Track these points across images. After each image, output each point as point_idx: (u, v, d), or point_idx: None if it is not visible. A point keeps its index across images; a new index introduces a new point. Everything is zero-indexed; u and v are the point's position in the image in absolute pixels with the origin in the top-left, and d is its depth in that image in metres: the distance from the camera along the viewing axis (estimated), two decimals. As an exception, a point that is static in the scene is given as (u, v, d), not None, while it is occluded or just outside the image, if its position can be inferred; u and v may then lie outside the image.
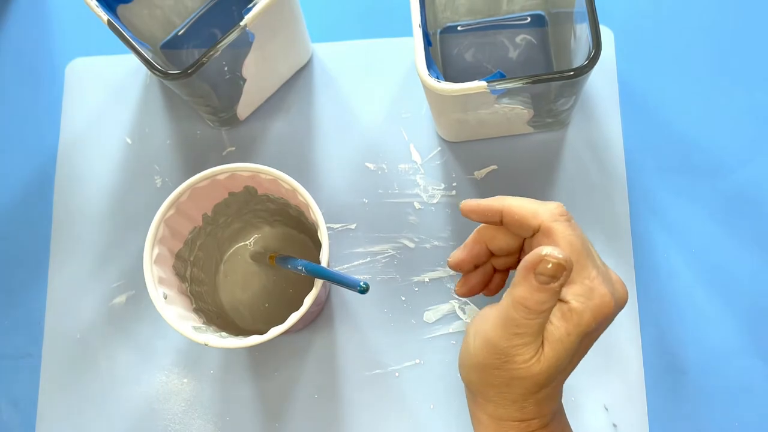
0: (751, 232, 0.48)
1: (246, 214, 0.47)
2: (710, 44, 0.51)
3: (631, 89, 0.50)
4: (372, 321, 0.48)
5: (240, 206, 0.45)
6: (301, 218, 0.45)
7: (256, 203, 0.45)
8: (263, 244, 0.49)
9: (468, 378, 0.35)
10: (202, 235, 0.45)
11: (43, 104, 0.53)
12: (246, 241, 0.49)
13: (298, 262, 0.41)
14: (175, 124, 0.52)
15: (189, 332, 0.39)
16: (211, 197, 0.43)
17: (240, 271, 0.48)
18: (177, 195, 0.41)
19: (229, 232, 0.47)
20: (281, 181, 0.41)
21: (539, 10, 0.51)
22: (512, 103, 0.43)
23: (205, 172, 0.41)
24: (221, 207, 0.44)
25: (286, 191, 0.41)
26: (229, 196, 0.44)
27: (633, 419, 0.45)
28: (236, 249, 0.49)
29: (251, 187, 0.43)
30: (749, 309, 0.46)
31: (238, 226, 0.47)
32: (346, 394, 0.47)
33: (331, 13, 0.53)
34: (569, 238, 0.33)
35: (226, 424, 0.47)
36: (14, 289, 0.50)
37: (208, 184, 0.41)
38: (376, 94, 0.51)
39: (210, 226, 0.45)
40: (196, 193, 0.42)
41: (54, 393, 0.48)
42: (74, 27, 0.55)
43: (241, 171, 0.41)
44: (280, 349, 0.48)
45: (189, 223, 0.43)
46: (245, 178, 0.42)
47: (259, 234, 0.49)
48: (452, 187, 0.49)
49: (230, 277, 0.48)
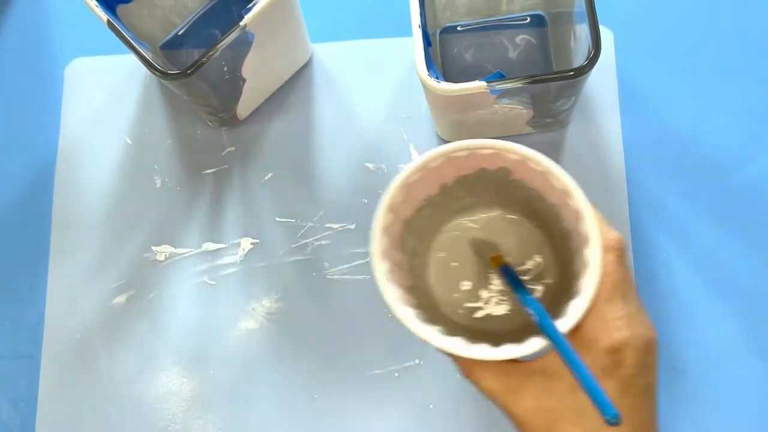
0: (751, 231, 0.48)
1: (484, 192, 0.40)
2: (710, 44, 0.51)
3: (631, 89, 0.50)
4: (372, 321, 0.48)
5: (486, 184, 0.39)
6: (550, 213, 0.38)
7: (504, 186, 0.39)
8: (488, 229, 0.41)
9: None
10: (431, 205, 0.39)
11: (43, 104, 0.53)
12: (472, 217, 0.41)
13: (530, 300, 0.34)
14: (175, 124, 0.52)
15: (411, 322, 0.34)
16: (460, 168, 0.37)
17: (454, 248, 0.41)
18: (429, 159, 0.35)
19: (458, 206, 0.41)
20: (531, 162, 0.34)
21: (539, 10, 0.51)
22: (512, 103, 0.43)
23: (466, 143, 0.35)
24: (464, 180, 0.38)
25: (540, 180, 0.35)
26: (478, 172, 0.38)
27: (633, 419, 0.45)
28: (457, 224, 0.41)
29: (506, 168, 0.37)
30: (749, 309, 0.46)
31: (470, 201, 0.41)
32: (345, 394, 0.47)
33: (331, 13, 0.53)
34: (609, 271, 0.32)
35: (226, 424, 0.47)
36: (14, 289, 0.50)
37: (465, 155, 0.36)
38: (376, 94, 0.51)
39: (442, 197, 0.39)
40: (449, 162, 0.36)
41: (54, 393, 0.48)
42: (74, 27, 0.55)
43: (506, 151, 0.35)
44: (280, 348, 0.48)
45: (425, 191, 0.38)
46: (503, 159, 0.36)
47: (486, 214, 0.41)
48: (452, 187, 0.49)
49: (443, 254, 0.41)
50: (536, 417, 0.32)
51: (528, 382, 0.33)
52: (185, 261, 0.49)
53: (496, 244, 0.41)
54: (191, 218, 0.50)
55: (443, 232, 0.41)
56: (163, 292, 0.49)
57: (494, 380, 0.33)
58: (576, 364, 0.30)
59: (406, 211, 0.37)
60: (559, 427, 0.32)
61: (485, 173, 0.38)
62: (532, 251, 0.40)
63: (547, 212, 0.38)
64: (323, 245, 0.49)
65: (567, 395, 0.32)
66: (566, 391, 0.32)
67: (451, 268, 0.41)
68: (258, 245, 0.50)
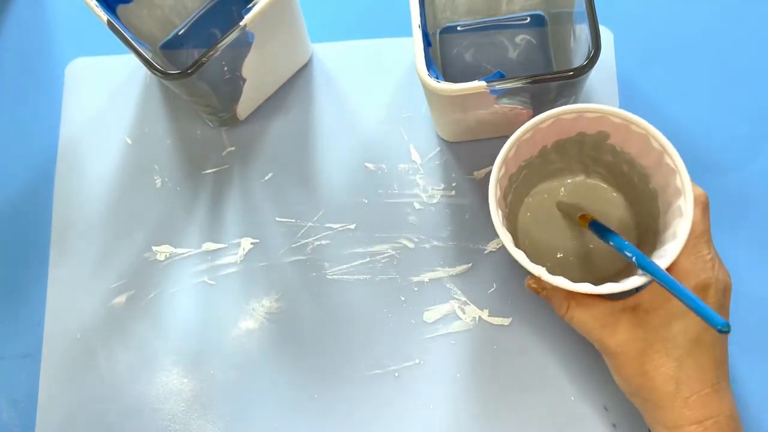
0: (752, 231, 0.48)
1: (574, 157, 0.45)
2: (710, 44, 0.51)
3: (631, 89, 0.50)
4: (372, 321, 0.48)
5: (579, 149, 0.44)
6: (636, 177, 0.43)
7: (596, 150, 0.43)
8: (572, 193, 0.46)
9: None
10: (529, 167, 0.44)
11: (43, 104, 0.53)
12: (558, 181, 0.46)
13: (627, 245, 0.38)
14: (175, 124, 0.52)
15: (524, 260, 0.38)
16: (562, 131, 0.42)
17: (540, 210, 0.46)
18: (541, 120, 0.40)
19: (549, 170, 0.46)
20: (633, 125, 0.39)
21: (539, 10, 0.51)
22: (512, 103, 0.43)
23: (574, 106, 0.40)
24: (561, 144, 0.43)
25: (638, 143, 0.40)
26: (577, 136, 0.42)
27: (633, 419, 0.45)
28: (545, 188, 0.47)
29: (605, 132, 0.41)
30: (749, 309, 0.46)
31: (559, 166, 0.46)
32: (345, 395, 0.47)
33: (331, 13, 0.53)
34: (697, 220, 0.38)
35: (226, 424, 0.47)
36: (14, 289, 0.50)
37: (573, 117, 0.40)
38: (376, 94, 0.51)
39: (539, 159, 0.44)
40: (556, 124, 0.40)
41: (54, 393, 0.48)
42: (74, 27, 0.55)
43: (611, 115, 0.39)
44: (280, 348, 0.48)
45: (529, 151, 0.42)
46: (606, 122, 0.40)
47: (571, 179, 0.46)
48: (452, 188, 0.49)
49: (530, 214, 0.46)
50: (629, 347, 0.38)
51: (621, 317, 0.38)
52: (185, 261, 0.49)
53: (582, 206, 0.46)
54: (191, 218, 0.50)
55: (532, 195, 0.46)
56: (163, 292, 0.49)
57: (591, 317, 0.39)
58: (680, 288, 0.34)
59: (512, 168, 0.42)
60: (649, 355, 0.38)
61: (583, 137, 0.42)
62: (613, 213, 0.45)
63: (633, 177, 0.43)
64: (323, 245, 0.49)
65: (657, 328, 0.37)
66: (656, 325, 0.37)
67: (536, 228, 0.46)
68: (258, 245, 0.50)
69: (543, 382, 0.46)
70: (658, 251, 0.39)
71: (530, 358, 0.46)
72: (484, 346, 0.47)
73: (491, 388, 0.46)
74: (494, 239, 0.48)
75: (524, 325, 0.47)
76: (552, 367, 0.46)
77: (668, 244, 0.38)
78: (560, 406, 0.45)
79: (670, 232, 0.38)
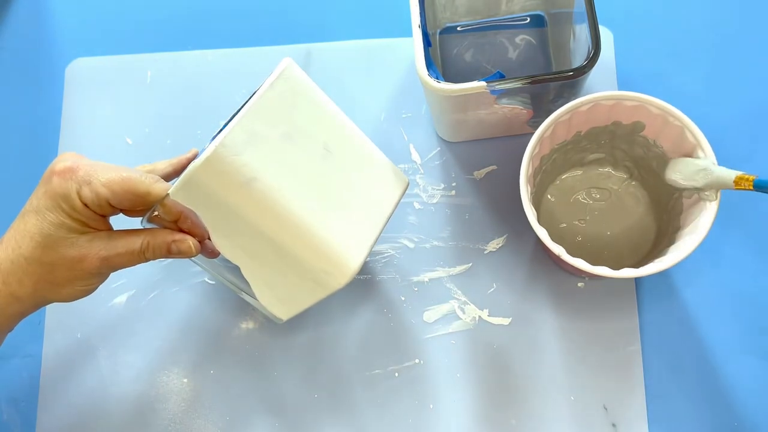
0: (751, 231, 0.48)
1: (604, 147, 0.46)
2: (710, 44, 0.51)
3: (631, 89, 0.50)
4: (372, 321, 0.48)
5: (611, 140, 0.45)
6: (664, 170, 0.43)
7: (627, 143, 0.44)
8: (598, 185, 0.48)
9: None
10: (560, 151, 0.45)
11: (43, 104, 0.53)
12: (585, 171, 0.48)
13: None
14: (175, 124, 0.52)
15: (546, 238, 0.39)
16: (598, 119, 0.43)
17: (564, 196, 0.48)
18: (579, 104, 0.41)
19: (578, 159, 0.47)
20: (671, 116, 0.40)
21: (539, 10, 0.51)
22: (512, 103, 0.43)
23: (614, 93, 0.41)
24: (594, 131, 0.44)
25: (673, 136, 0.41)
26: (611, 125, 0.43)
27: (632, 419, 0.45)
28: (571, 176, 0.48)
29: (640, 122, 0.42)
30: (749, 309, 0.46)
31: (588, 156, 0.47)
32: (346, 394, 0.47)
33: (331, 13, 0.53)
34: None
35: (226, 424, 0.47)
36: (14, 289, 0.50)
37: (611, 104, 0.41)
38: (376, 94, 0.51)
39: (572, 145, 0.45)
40: (594, 109, 0.41)
41: (54, 393, 0.48)
42: (74, 27, 0.55)
43: (649, 104, 0.40)
44: (280, 348, 0.48)
45: (564, 134, 0.43)
46: (643, 112, 0.41)
47: (598, 170, 0.48)
48: (452, 187, 0.49)
49: (554, 199, 0.48)
50: None
51: None
52: (185, 261, 0.49)
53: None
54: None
55: (558, 181, 0.48)
56: (163, 292, 0.49)
57: None
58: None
59: (545, 150, 0.43)
60: None
61: (617, 126, 0.43)
62: (635, 208, 0.47)
63: (660, 173, 0.43)
64: (323, 245, 0.49)
65: None
66: None
67: (558, 212, 0.47)
68: (258, 245, 0.49)
69: (543, 382, 0.46)
70: (677, 244, 0.41)
71: (530, 358, 0.46)
72: (484, 346, 0.47)
73: (491, 387, 0.46)
74: (494, 239, 0.48)
75: (524, 325, 0.47)
76: (552, 367, 0.46)
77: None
78: (560, 406, 0.45)
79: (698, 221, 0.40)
